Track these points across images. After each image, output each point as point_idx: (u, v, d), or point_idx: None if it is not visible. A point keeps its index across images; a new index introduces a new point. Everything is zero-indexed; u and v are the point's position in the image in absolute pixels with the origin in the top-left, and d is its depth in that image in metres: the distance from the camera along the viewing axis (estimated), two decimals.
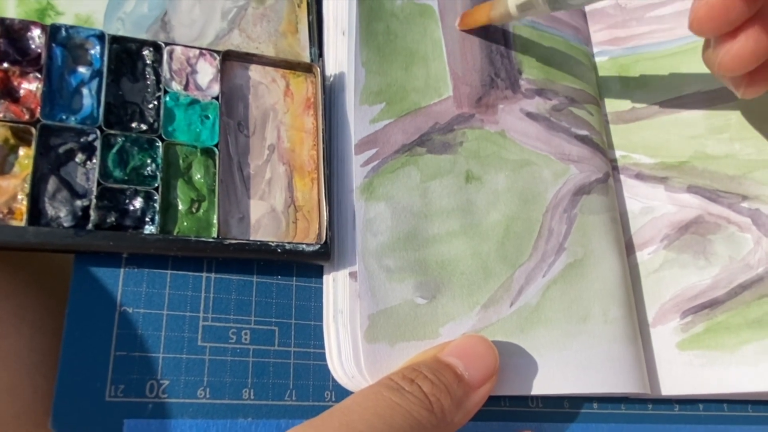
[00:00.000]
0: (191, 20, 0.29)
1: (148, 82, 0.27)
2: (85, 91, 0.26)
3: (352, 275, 0.27)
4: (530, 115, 0.32)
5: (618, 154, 0.35)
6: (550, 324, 0.29)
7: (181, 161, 0.26)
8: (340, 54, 0.30)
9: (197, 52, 0.27)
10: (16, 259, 0.25)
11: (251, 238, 0.26)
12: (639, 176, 0.34)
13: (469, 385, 0.25)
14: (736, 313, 0.30)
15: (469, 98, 0.31)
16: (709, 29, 0.25)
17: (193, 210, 0.26)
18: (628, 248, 0.33)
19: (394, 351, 0.26)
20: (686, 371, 0.30)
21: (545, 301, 0.29)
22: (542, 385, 0.27)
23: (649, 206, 0.33)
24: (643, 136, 0.34)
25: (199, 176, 0.26)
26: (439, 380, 0.24)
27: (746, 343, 0.30)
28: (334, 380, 0.26)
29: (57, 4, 0.28)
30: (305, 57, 0.31)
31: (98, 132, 0.25)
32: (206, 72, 0.27)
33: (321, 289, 0.28)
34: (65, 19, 0.27)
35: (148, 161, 0.25)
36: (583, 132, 0.34)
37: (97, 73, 0.26)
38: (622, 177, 0.34)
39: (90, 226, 0.24)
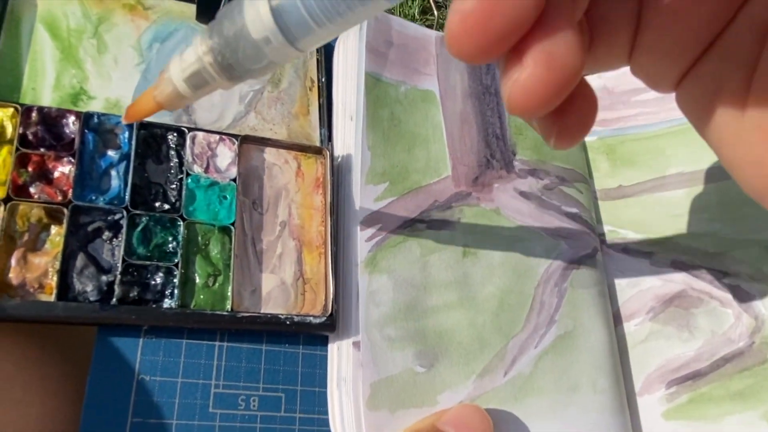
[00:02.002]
0: (211, 104, 0.32)
1: (172, 165, 0.29)
2: (113, 173, 0.28)
3: (356, 345, 0.28)
4: (523, 194, 0.35)
5: (606, 228, 0.37)
6: (542, 393, 0.30)
7: (200, 238, 0.28)
8: (347, 138, 0.32)
9: (217, 137, 0.30)
10: (42, 330, 0.27)
11: (262, 310, 0.28)
12: (626, 251, 0.36)
13: None
14: (719, 385, 0.32)
15: (466, 178, 0.34)
16: (471, 50, 0.16)
17: (210, 284, 0.28)
18: (615, 319, 0.35)
19: (394, 418, 0.28)
20: None
21: (537, 371, 0.31)
22: None
23: (636, 280, 0.35)
24: (629, 212, 0.37)
25: (215, 252, 0.28)
26: None
27: (729, 414, 0.31)
28: None
29: (89, 89, 0.30)
30: (315, 137, 0.33)
31: (125, 212, 0.27)
32: (225, 155, 0.30)
33: (326, 356, 0.30)
34: (96, 103, 0.30)
35: (170, 239, 0.27)
36: (573, 210, 0.36)
37: (125, 157, 0.28)
38: (610, 251, 0.36)
39: (114, 300, 0.26)
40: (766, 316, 0.32)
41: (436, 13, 0.46)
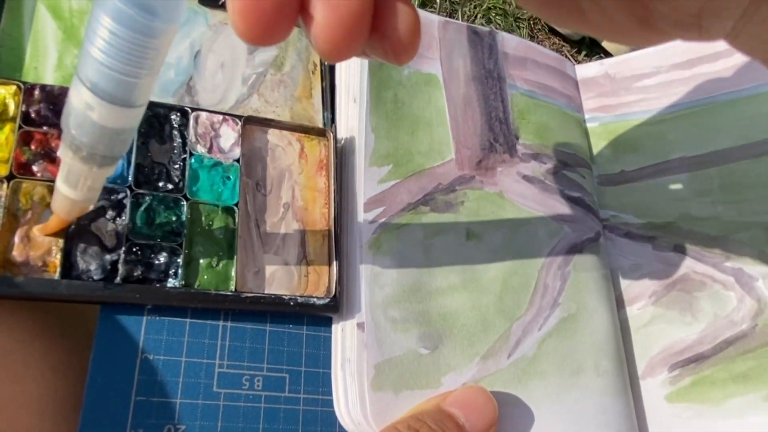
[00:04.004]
0: (214, 85, 0.32)
1: (175, 145, 0.29)
2: None
3: (360, 326, 0.28)
4: (526, 178, 0.35)
5: (608, 213, 0.37)
6: (546, 376, 0.30)
7: (203, 218, 0.28)
8: (351, 120, 0.32)
9: (221, 117, 0.30)
10: (45, 308, 0.27)
11: (266, 291, 0.28)
12: (628, 235, 0.36)
13: None
14: (722, 367, 0.32)
15: (469, 161, 0.34)
16: (251, 29, 0.15)
17: (213, 264, 0.27)
18: (618, 303, 0.35)
19: (398, 399, 0.27)
20: (675, 423, 0.31)
21: (541, 353, 0.31)
22: None
23: (638, 264, 0.35)
24: (631, 197, 0.37)
25: (219, 232, 0.28)
26: (441, 430, 0.25)
27: (732, 397, 0.31)
28: (341, 427, 0.28)
29: None
30: (318, 120, 0.33)
31: (128, 191, 0.27)
32: (229, 136, 0.30)
33: (330, 337, 0.30)
34: None
35: (174, 219, 0.27)
36: (576, 194, 0.36)
37: None
38: (612, 236, 0.37)
39: (118, 279, 0.25)
40: None
41: (438, 0, 0.46)
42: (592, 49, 1.17)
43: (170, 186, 0.28)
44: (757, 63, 0.18)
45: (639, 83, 0.39)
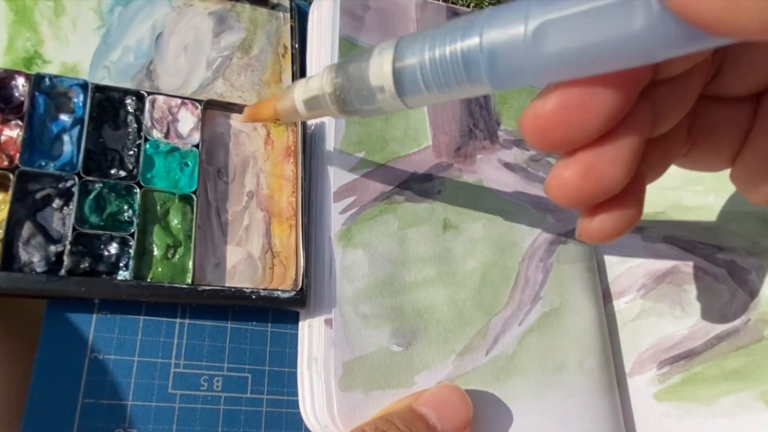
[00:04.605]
0: (176, 69, 0.30)
1: (130, 130, 0.27)
2: (66, 138, 0.26)
3: (328, 322, 0.27)
4: (508, 166, 0.33)
5: None
6: (526, 373, 0.29)
7: (158, 207, 0.26)
8: None
9: (179, 101, 0.28)
10: None
11: (227, 284, 0.26)
12: None
13: None
14: (713, 364, 0.30)
15: (447, 148, 0.32)
16: (535, 143, 0.18)
17: (169, 255, 0.26)
18: (605, 297, 0.33)
19: (368, 399, 0.26)
20: (664, 423, 0.30)
21: (521, 350, 0.29)
22: None
23: (626, 255, 0.34)
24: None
25: (176, 222, 0.26)
26: (410, 431, 0.24)
27: (723, 395, 0.29)
28: (306, 429, 0.26)
29: (44, 52, 0.28)
30: None
31: (76, 178, 0.25)
32: (187, 121, 0.28)
33: (296, 334, 0.28)
34: (52, 68, 0.28)
35: (125, 207, 0.26)
36: None
37: (78, 121, 0.26)
38: None
39: (63, 271, 0.24)
40: (762, 292, 0.31)
41: None
42: None
43: (123, 173, 0.26)
44: None
45: None
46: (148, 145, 0.27)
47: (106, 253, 0.25)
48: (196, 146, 0.28)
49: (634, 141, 0.17)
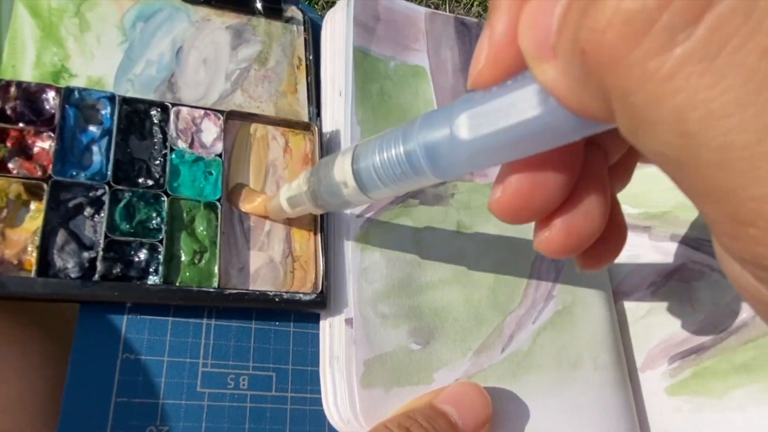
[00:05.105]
0: (196, 82, 0.31)
1: (155, 141, 0.28)
2: (95, 148, 0.27)
3: (348, 322, 0.28)
4: None
5: None
6: (541, 370, 0.30)
7: (185, 215, 0.27)
8: (337, 113, 0.32)
9: (202, 112, 0.29)
10: (23, 308, 0.26)
11: (250, 288, 0.27)
12: None
13: None
14: (723, 358, 0.31)
15: None
16: (510, 221, 0.19)
17: (196, 261, 0.27)
18: (615, 295, 0.34)
19: (389, 396, 0.27)
20: (676, 417, 0.30)
21: (536, 347, 0.30)
22: (534, 431, 0.28)
23: (635, 254, 0.34)
24: (627, 187, 0.36)
25: (201, 229, 0.27)
26: (433, 428, 0.24)
27: (734, 388, 0.30)
28: (330, 426, 0.27)
29: (71, 67, 0.30)
30: (304, 115, 0.33)
31: (107, 187, 0.26)
32: (210, 131, 0.29)
33: (318, 334, 0.29)
34: (78, 81, 0.29)
35: (154, 215, 0.27)
36: None
37: (107, 132, 0.27)
38: None
39: (96, 277, 0.25)
40: None
41: None
42: None
43: (150, 182, 0.27)
44: None
45: None
46: (173, 155, 0.28)
47: (137, 259, 0.26)
48: (219, 156, 0.29)
49: (599, 186, 0.19)
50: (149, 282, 0.26)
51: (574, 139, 0.15)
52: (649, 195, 0.35)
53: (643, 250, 0.34)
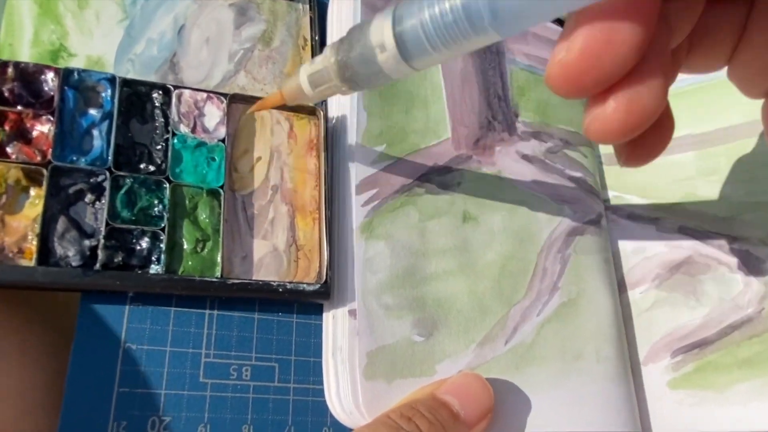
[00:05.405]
0: (199, 62, 0.30)
1: (157, 124, 0.28)
2: (95, 132, 0.26)
3: (351, 313, 0.27)
4: (526, 157, 0.33)
5: (611, 194, 0.36)
6: (545, 362, 0.29)
7: (187, 202, 0.27)
8: (342, 98, 0.31)
9: (205, 95, 0.28)
10: (21, 296, 0.26)
11: (254, 277, 0.27)
12: (631, 216, 0.35)
13: (465, 424, 0.25)
14: (726, 352, 0.31)
15: (467, 140, 0.32)
16: (566, 92, 0.17)
17: (198, 249, 0.26)
18: (620, 287, 0.34)
19: (391, 388, 0.27)
20: (677, 410, 0.31)
21: (540, 339, 0.30)
22: (536, 423, 0.28)
23: (641, 246, 0.34)
24: (635, 177, 0.35)
25: (204, 216, 0.27)
26: (435, 419, 0.24)
27: (736, 382, 0.30)
28: (332, 417, 0.27)
29: (69, 46, 0.29)
30: None
31: (107, 173, 0.26)
32: (213, 115, 0.28)
33: (321, 325, 0.29)
34: (77, 61, 0.28)
35: (156, 202, 0.26)
36: (577, 174, 0.34)
37: (107, 115, 0.27)
38: (615, 217, 0.35)
39: (97, 265, 0.24)
40: None
41: None
42: None
43: (152, 168, 0.27)
44: None
45: None
46: (175, 140, 0.27)
47: (138, 247, 0.25)
48: (222, 141, 0.28)
49: (664, 60, 0.17)
50: (151, 271, 0.25)
51: None
52: (658, 186, 0.35)
53: (649, 241, 0.34)
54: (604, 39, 0.16)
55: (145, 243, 0.25)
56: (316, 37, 0.33)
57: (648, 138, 0.19)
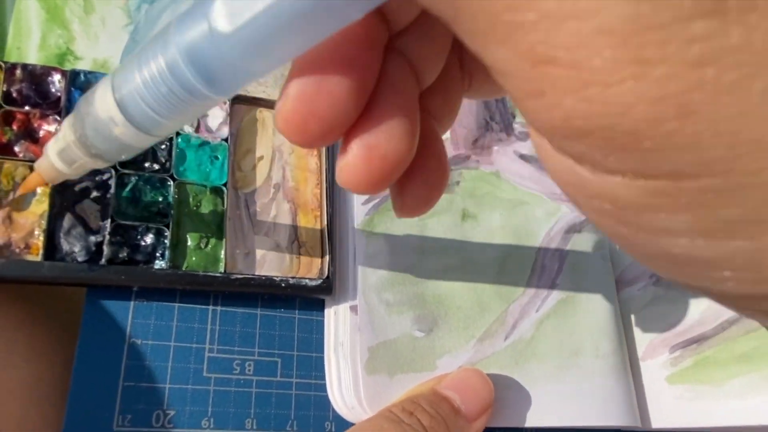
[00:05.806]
0: None
1: None
2: None
3: (353, 309, 0.28)
4: (523, 157, 0.34)
5: None
6: (544, 358, 0.30)
7: (191, 199, 0.27)
8: None
9: None
10: (30, 292, 0.26)
11: (256, 273, 0.27)
12: None
13: (466, 418, 0.26)
14: (724, 347, 0.31)
15: (465, 140, 0.33)
16: (300, 141, 0.16)
17: (202, 246, 0.27)
18: (618, 284, 0.34)
19: (392, 382, 0.27)
20: (676, 405, 0.31)
21: (539, 335, 0.30)
22: (536, 418, 0.28)
23: None
24: None
25: (207, 213, 0.27)
26: (437, 413, 0.25)
27: (734, 377, 0.31)
28: (334, 411, 0.27)
29: (76, 49, 0.29)
30: None
31: (113, 171, 0.26)
32: (216, 115, 0.29)
33: (322, 321, 0.29)
34: (83, 64, 0.29)
35: (160, 199, 0.27)
36: None
37: None
38: None
39: (103, 261, 0.25)
40: None
41: None
42: None
43: (156, 166, 0.27)
44: None
45: None
46: (179, 139, 0.28)
47: (143, 243, 0.26)
48: (225, 140, 0.29)
49: (403, 104, 0.16)
50: (156, 266, 0.26)
51: (355, 15, 0.13)
52: None
53: None
54: (314, 84, 0.15)
55: (149, 239, 0.26)
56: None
57: (415, 187, 0.18)
